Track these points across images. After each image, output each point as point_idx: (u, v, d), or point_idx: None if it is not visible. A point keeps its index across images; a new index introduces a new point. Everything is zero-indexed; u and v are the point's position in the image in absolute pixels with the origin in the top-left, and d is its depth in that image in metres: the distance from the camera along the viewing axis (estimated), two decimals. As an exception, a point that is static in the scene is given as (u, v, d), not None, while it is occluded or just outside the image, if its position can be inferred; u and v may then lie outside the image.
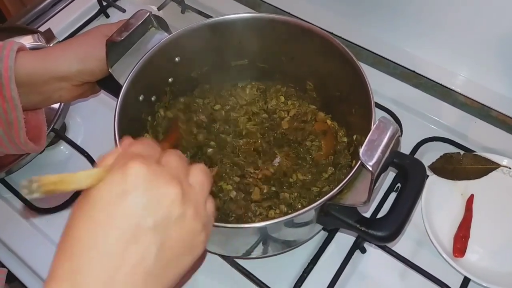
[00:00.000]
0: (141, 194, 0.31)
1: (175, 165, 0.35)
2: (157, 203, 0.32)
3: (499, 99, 0.77)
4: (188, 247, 0.34)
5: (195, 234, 0.34)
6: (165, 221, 0.32)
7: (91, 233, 0.31)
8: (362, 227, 0.50)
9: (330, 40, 0.63)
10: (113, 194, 0.31)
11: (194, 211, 0.34)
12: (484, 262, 0.63)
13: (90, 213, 0.31)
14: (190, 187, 0.35)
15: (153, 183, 0.32)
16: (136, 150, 0.35)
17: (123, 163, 0.32)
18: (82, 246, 0.30)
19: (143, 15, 0.63)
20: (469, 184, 0.69)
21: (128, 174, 0.32)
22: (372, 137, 0.45)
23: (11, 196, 0.74)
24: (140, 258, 0.31)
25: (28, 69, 0.57)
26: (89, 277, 0.30)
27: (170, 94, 0.71)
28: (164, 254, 0.32)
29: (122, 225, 0.31)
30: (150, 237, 0.31)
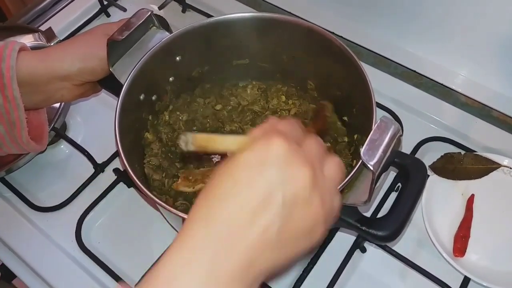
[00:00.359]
0: (278, 168, 0.33)
1: (314, 151, 0.37)
2: (289, 182, 0.33)
3: (500, 99, 0.77)
4: (307, 233, 0.35)
5: (316, 223, 0.35)
6: (293, 201, 0.33)
7: (231, 190, 0.33)
8: (363, 227, 0.50)
9: (331, 39, 0.63)
10: (255, 162, 0.34)
11: (321, 200, 0.35)
12: (484, 262, 0.63)
13: (234, 173, 0.34)
14: (322, 176, 0.36)
15: (290, 161, 0.34)
16: (282, 128, 0.37)
17: (268, 136, 0.35)
18: (223, 199, 0.33)
19: (144, 14, 0.63)
20: (470, 184, 0.69)
21: (270, 147, 0.34)
22: (374, 136, 0.45)
23: (11, 195, 0.74)
24: (266, 225, 0.32)
25: (30, 68, 0.57)
26: (222, 226, 0.32)
27: (171, 93, 0.71)
28: (285, 231, 0.33)
29: (257, 191, 0.33)
30: (277, 211, 0.33)
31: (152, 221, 0.70)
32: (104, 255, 0.68)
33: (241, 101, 0.74)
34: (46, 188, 0.75)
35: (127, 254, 0.68)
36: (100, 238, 0.70)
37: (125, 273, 0.66)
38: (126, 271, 0.66)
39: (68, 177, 0.76)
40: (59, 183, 0.75)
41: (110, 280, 0.65)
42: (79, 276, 0.66)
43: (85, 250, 0.67)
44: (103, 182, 0.73)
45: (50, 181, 0.76)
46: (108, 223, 0.71)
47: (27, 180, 0.76)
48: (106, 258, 0.67)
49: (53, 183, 0.75)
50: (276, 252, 0.33)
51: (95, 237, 0.70)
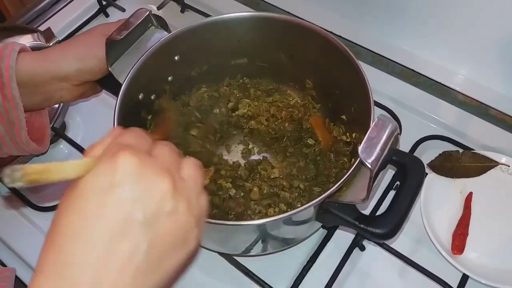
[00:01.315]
0: (130, 186, 0.30)
1: (166, 157, 0.34)
2: (147, 196, 0.31)
3: (498, 98, 0.77)
4: (180, 242, 0.33)
5: (188, 229, 0.33)
6: (156, 215, 0.31)
7: (79, 225, 0.30)
8: (361, 224, 0.50)
9: (330, 38, 0.63)
10: (102, 186, 0.30)
11: (187, 205, 0.33)
12: (483, 260, 0.64)
13: (78, 205, 0.30)
14: (182, 180, 0.34)
15: (143, 175, 0.31)
16: (126, 140, 0.34)
17: (112, 153, 0.31)
18: (70, 239, 0.29)
19: (142, 14, 0.63)
20: (468, 182, 0.70)
21: (117, 165, 0.30)
22: (371, 134, 0.45)
23: (11, 195, 0.74)
24: (129, 254, 0.29)
25: (29, 69, 0.57)
26: (76, 271, 0.29)
27: (169, 93, 0.71)
28: (155, 249, 0.31)
29: (110, 218, 0.29)
30: (140, 232, 0.30)
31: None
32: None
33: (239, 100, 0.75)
34: (46, 187, 0.75)
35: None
36: (100, 237, 0.70)
37: (124, 272, 0.66)
38: (125, 270, 0.66)
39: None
40: (59, 182, 0.75)
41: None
42: (79, 275, 0.66)
43: (85, 250, 0.67)
44: (102, 182, 0.73)
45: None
46: (108, 222, 0.71)
47: (26, 180, 0.76)
48: (106, 257, 0.67)
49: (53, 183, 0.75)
50: (152, 273, 0.31)
51: (94, 236, 0.70)
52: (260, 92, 0.76)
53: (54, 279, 0.29)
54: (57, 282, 0.29)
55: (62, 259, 0.29)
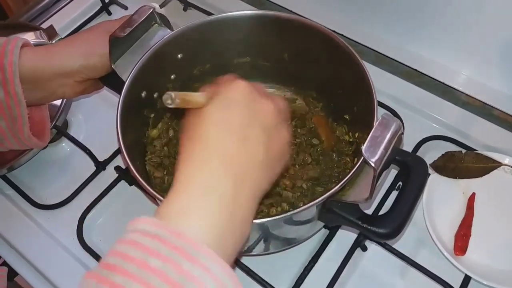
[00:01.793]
0: (248, 103, 0.40)
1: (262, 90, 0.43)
2: (262, 111, 0.40)
3: (501, 98, 0.77)
4: (282, 153, 0.42)
5: (287, 143, 0.42)
6: (268, 125, 0.40)
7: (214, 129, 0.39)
8: (364, 224, 0.50)
9: (333, 38, 0.63)
10: (228, 102, 0.40)
11: (286, 126, 0.43)
12: (485, 261, 0.63)
13: (208, 117, 0.39)
14: (279, 107, 0.43)
15: (255, 97, 0.41)
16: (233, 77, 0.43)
17: (231, 82, 0.41)
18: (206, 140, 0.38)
19: (146, 11, 0.63)
20: (471, 182, 0.69)
21: (234, 87, 0.41)
22: (375, 133, 0.45)
23: (13, 193, 0.74)
24: (253, 152, 0.38)
25: (32, 65, 0.57)
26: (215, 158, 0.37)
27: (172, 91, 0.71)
28: (269, 153, 0.40)
29: (239, 123, 0.39)
30: (260, 135, 0.39)
31: (153, 218, 0.70)
32: (105, 252, 0.67)
33: None
34: (48, 186, 0.75)
35: (128, 251, 0.68)
36: (102, 236, 0.70)
37: (126, 270, 0.66)
38: (127, 268, 0.66)
39: (69, 175, 0.76)
40: (60, 181, 0.75)
41: (111, 278, 0.65)
42: (80, 273, 0.66)
43: (87, 248, 0.67)
44: (104, 180, 0.73)
45: (51, 179, 0.76)
46: (110, 221, 0.71)
47: (28, 178, 0.76)
48: (107, 256, 0.67)
49: (55, 181, 0.75)
50: (266, 170, 0.40)
51: (96, 235, 0.70)
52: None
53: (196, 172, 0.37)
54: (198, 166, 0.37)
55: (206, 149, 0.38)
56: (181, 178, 0.37)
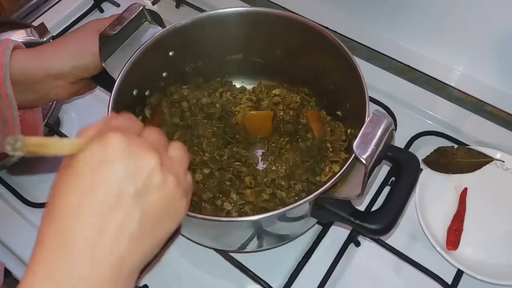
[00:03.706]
0: (121, 162, 0.32)
1: (155, 138, 0.37)
2: (138, 171, 0.33)
3: (494, 94, 0.77)
4: (170, 212, 0.35)
5: (177, 200, 0.35)
6: (146, 187, 0.33)
7: (75, 201, 0.32)
8: (356, 220, 0.50)
9: (325, 34, 0.63)
10: (94, 164, 0.32)
11: (175, 179, 0.35)
12: (477, 255, 0.64)
13: (72, 183, 0.32)
14: (169, 158, 0.36)
15: (132, 152, 0.33)
16: (117, 123, 0.36)
17: (103, 133, 0.33)
18: (67, 214, 0.32)
19: (136, 9, 0.62)
20: (463, 177, 0.70)
21: (108, 143, 0.33)
22: (366, 130, 0.45)
23: (5, 191, 0.73)
24: (123, 223, 0.32)
25: (23, 67, 0.57)
26: (75, 241, 0.31)
27: (164, 89, 0.71)
28: (147, 218, 0.33)
29: (104, 193, 0.32)
30: (132, 203, 0.32)
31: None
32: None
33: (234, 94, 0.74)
34: (41, 184, 0.75)
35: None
36: (95, 234, 0.70)
37: (119, 268, 0.66)
38: (120, 266, 0.66)
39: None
40: (53, 179, 0.75)
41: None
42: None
43: (80, 246, 0.67)
44: (97, 178, 0.73)
45: (44, 177, 0.76)
46: (103, 219, 0.71)
47: (21, 176, 0.75)
48: (101, 254, 0.67)
49: (47, 179, 0.75)
50: (145, 240, 0.33)
51: (89, 233, 0.70)
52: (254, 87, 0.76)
53: (54, 250, 0.31)
54: (57, 253, 0.31)
55: (61, 232, 0.31)
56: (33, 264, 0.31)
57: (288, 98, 0.73)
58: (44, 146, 0.33)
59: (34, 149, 0.32)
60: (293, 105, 0.72)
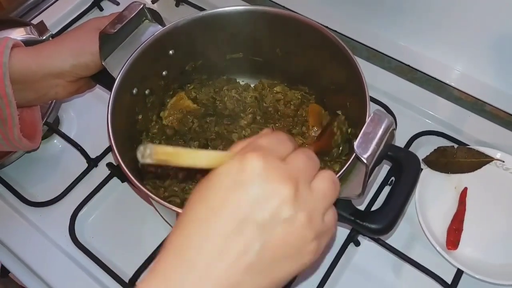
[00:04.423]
0: (253, 188, 0.31)
1: (300, 165, 0.34)
2: (267, 200, 0.31)
3: (493, 94, 0.77)
4: (294, 253, 0.33)
5: (304, 242, 0.33)
6: (273, 220, 0.31)
7: (203, 215, 0.32)
8: (357, 220, 0.50)
9: (325, 33, 0.63)
10: (229, 182, 0.32)
11: (307, 218, 0.32)
12: (477, 255, 0.64)
13: (206, 196, 0.32)
14: (309, 191, 0.33)
15: (268, 178, 0.32)
16: (264, 143, 0.34)
17: (245, 152, 0.33)
18: (193, 225, 0.32)
19: (136, 7, 0.62)
20: (463, 177, 0.70)
21: (245, 165, 0.32)
22: (367, 129, 0.45)
23: (3, 190, 0.73)
24: (242, 251, 0.31)
25: (23, 66, 0.57)
26: (193, 254, 0.31)
27: (164, 88, 0.71)
28: (267, 253, 0.31)
29: (231, 214, 0.31)
30: (255, 233, 0.31)
31: (146, 215, 0.70)
32: (97, 249, 0.67)
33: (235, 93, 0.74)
34: (39, 183, 0.75)
35: (121, 248, 0.68)
36: (94, 233, 0.70)
37: (118, 267, 0.66)
38: (119, 265, 0.66)
39: (61, 171, 0.76)
40: (52, 177, 0.75)
41: (103, 275, 0.65)
42: (72, 270, 0.66)
43: (79, 245, 0.67)
44: (96, 177, 0.73)
45: (43, 176, 0.75)
46: (102, 218, 0.71)
47: (19, 175, 0.75)
48: (100, 253, 0.67)
49: (46, 178, 0.75)
50: (261, 276, 0.32)
51: (88, 232, 0.70)
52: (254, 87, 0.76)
53: (174, 256, 0.32)
54: (175, 259, 0.31)
55: (183, 241, 0.32)
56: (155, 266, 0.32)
57: (290, 95, 0.73)
58: (177, 156, 0.32)
59: (165, 157, 0.31)
60: (294, 101, 0.72)
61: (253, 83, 0.76)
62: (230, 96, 0.73)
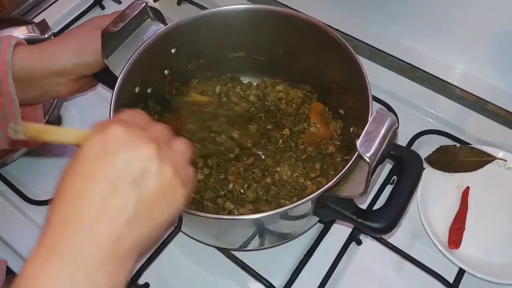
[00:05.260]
0: (120, 152, 0.35)
1: (157, 132, 0.39)
2: (135, 160, 0.35)
3: (495, 92, 0.77)
4: (167, 200, 0.37)
5: (174, 189, 0.37)
6: (143, 175, 0.35)
7: (79, 186, 0.35)
8: (359, 219, 0.50)
9: (328, 32, 0.63)
10: (96, 152, 0.35)
11: (173, 169, 0.37)
12: (479, 254, 0.64)
13: (77, 169, 0.35)
14: (169, 150, 0.38)
15: (131, 142, 0.36)
16: (123, 117, 0.39)
17: (106, 126, 0.36)
18: (72, 196, 0.34)
19: (138, 6, 0.62)
20: (465, 176, 0.70)
21: (109, 134, 0.35)
22: (370, 128, 0.45)
23: (5, 189, 0.73)
24: (120, 206, 0.34)
25: (25, 64, 0.57)
26: (76, 220, 0.34)
27: (166, 86, 0.71)
28: (143, 203, 0.35)
29: (104, 179, 0.34)
30: (129, 189, 0.34)
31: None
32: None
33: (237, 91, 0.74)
34: (41, 181, 0.75)
35: (123, 247, 0.68)
36: (96, 231, 0.70)
37: (121, 266, 0.66)
38: (122, 264, 0.66)
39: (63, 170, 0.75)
40: (54, 176, 0.74)
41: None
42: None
43: (81, 244, 0.67)
44: (98, 175, 0.73)
45: (45, 175, 0.75)
46: (104, 216, 0.71)
47: (21, 174, 0.75)
48: (102, 251, 0.67)
49: (48, 176, 0.75)
50: (141, 224, 0.35)
51: (90, 230, 0.70)
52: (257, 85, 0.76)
53: (59, 227, 0.34)
54: (61, 229, 0.34)
55: (65, 212, 0.34)
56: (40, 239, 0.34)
57: (292, 94, 0.73)
58: (46, 132, 0.35)
59: (35, 134, 0.34)
60: (296, 100, 0.72)
61: (256, 82, 0.76)
62: (235, 92, 0.73)
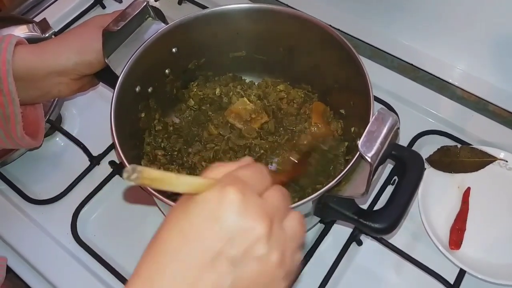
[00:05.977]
0: (229, 222, 0.31)
1: (275, 202, 0.34)
2: (243, 237, 0.31)
3: (497, 93, 0.77)
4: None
5: (275, 280, 0.33)
6: (245, 256, 0.31)
7: (178, 244, 0.32)
8: (360, 219, 0.50)
9: (329, 31, 0.63)
10: (206, 214, 0.32)
11: (279, 256, 0.33)
12: (480, 255, 0.64)
13: (182, 225, 0.32)
14: (281, 231, 0.34)
15: (245, 215, 0.32)
16: (243, 175, 0.34)
17: (224, 184, 0.32)
18: (167, 254, 0.32)
19: (140, 5, 0.62)
20: (466, 177, 0.70)
21: (225, 198, 0.32)
22: (371, 128, 0.45)
23: (6, 188, 0.73)
24: (213, 285, 0.31)
25: (26, 63, 0.57)
26: (165, 283, 0.31)
27: (167, 86, 0.71)
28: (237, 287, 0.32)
29: (205, 247, 0.31)
30: (227, 268, 0.31)
31: (148, 213, 0.70)
32: (99, 247, 0.67)
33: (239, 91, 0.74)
34: (41, 180, 0.74)
35: (123, 246, 0.68)
36: (96, 231, 0.70)
37: (120, 265, 0.66)
38: (121, 263, 0.66)
39: (63, 169, 0.75)
40: (54, 175, 0.75)
41: (105, 273, 0.65)
42: (74, 268, 0.66)
43: (81, 243, 0.67)
44: (98, 175, 0.73)
45: (45, 174, 0.75)
46: (104, 216, 0.71)
47: (22, 173, 0.75)
48: (102, 251, 0.67)
49: (48, 176, 0.75)
50: None
51: (90, 230, 0.70)
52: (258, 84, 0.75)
53: (146, 283, 0.31)
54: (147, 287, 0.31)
55: (157, 269, 0.31)
56: None
57: (293, 93, 0.73)
58: (160, 181, 0.31)
59: (148, 182, 0.31)
60: (297, 99, 0.72)
61: (257, 81, 0.76)
62: (236, 92, 0.73)
